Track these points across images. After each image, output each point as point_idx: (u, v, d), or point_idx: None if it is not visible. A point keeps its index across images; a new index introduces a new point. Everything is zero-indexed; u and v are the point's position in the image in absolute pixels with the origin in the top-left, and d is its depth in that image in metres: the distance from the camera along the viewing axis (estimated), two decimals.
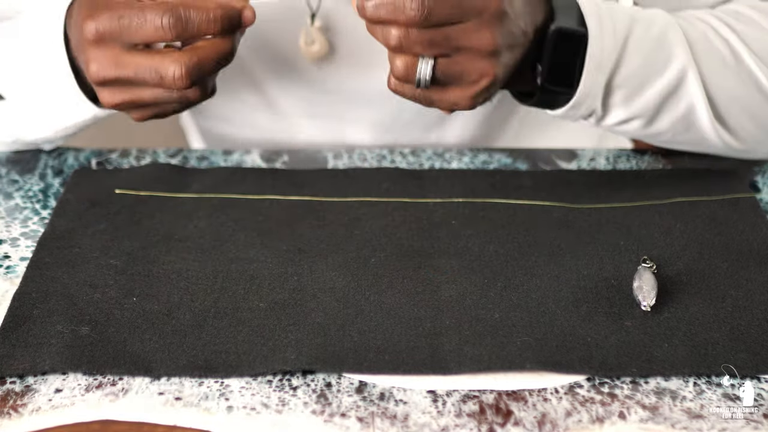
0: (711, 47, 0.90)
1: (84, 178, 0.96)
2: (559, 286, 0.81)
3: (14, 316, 0.79)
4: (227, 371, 0.74)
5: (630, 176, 0.96)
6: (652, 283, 0.80)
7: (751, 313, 0.78)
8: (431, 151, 1.02)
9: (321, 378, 0.74)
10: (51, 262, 0.85)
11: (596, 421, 0.70)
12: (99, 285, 0.82)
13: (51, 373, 0.74)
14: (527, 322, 0.77)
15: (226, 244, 0.87)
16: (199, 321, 0.78)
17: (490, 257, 0.85)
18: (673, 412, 0.71)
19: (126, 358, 0.75)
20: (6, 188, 0.96)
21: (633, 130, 0.91)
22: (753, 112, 0.92)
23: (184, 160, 1.00)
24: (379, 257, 0.85)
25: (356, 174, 0.97)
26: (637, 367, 0.73)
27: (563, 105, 0.87)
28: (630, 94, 0.88)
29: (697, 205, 0.91)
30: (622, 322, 0.77)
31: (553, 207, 0.91)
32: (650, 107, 0.89)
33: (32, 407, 0.72)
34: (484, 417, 0.71)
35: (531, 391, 0.73)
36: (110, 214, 0.91)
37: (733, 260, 0.84)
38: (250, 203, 0.92)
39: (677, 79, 0.88)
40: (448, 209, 0.91)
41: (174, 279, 0.83)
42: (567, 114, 0.88)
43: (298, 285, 0.82)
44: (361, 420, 0.71)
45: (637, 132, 0.92)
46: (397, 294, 0.81)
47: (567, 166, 0.99)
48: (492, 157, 1.01)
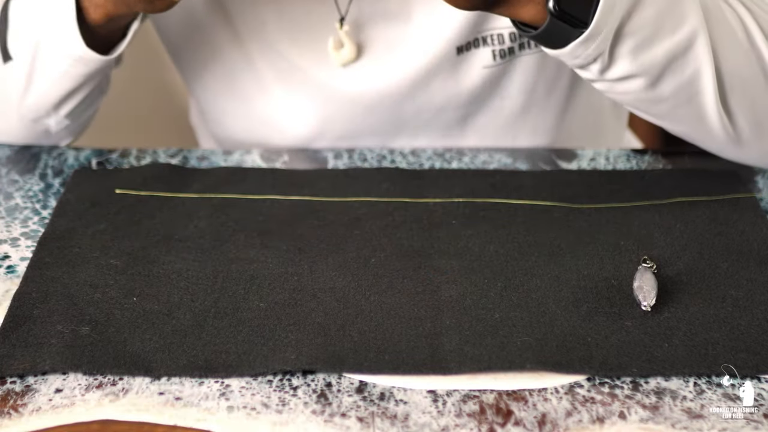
0: (724, 20, 0.88)
1: (84, 178, 0.96)
2: (559, 286, 0.81)
3: (14, 316, 0.79)
4: (227, 371, 0.74)
5: (630, 176, 0.96)
6: (652, 283, 0.80)
7: (751, 313, 0.78)
8: (431, 151, 1.02)
9: (321, 378, 0.74)
10: (51, 262, 0.85)
11: (596, 421, 0.70)
12: (99, 285, 0.82)
13: (51, 373, 0.74)
14: (527, 322, 0.77)
15: (226, 244, 0.87)
16: (200, 321, 0.78)
17: (490, 257, 0.85)
18: (674, 412, 0.71)
19: (126, 358, 0.75)
20: (6, 188, 0.96)
21: (635, 91, 0.88)
22: (754, 98, 0.90)
23: (184, 160, 1.00)
24: (379, 257, 0.85)
25: (356, 174, 0.97)
26: (638, 367, 0.73)
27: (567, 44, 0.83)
28: (639, 45, 0.84)
29: (697, 205, 0.91)
30: (623, 322, 0.77)
31: (553, 207, 0.91)
32: (656, 65, 0.86)
33: (32, 407, 0.72)
34: (485, 417, 0.71)
35: (531, 391, 0.73)
36: (110, 214, 0.91)
37: (733, 260, 0.84)
38: (250, 203, 0.92)
39: (687, 41, 0.85)
40: (448, 209, 0.91)
41: (174, 279, 0.83)
42: (574, 52, 0.83)
43: (298, 285, 0.82)
44: (361, 420, 0.71)
45: (638, 94, 0.88)
46: (397, 294, 0.81)
47: (567, 166, 0.99)
48: (492, 157, 1.01)
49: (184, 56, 1.07)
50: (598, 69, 0.85)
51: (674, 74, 0.87)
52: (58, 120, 0.98)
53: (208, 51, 1.04)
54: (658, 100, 0.89)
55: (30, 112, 0.98)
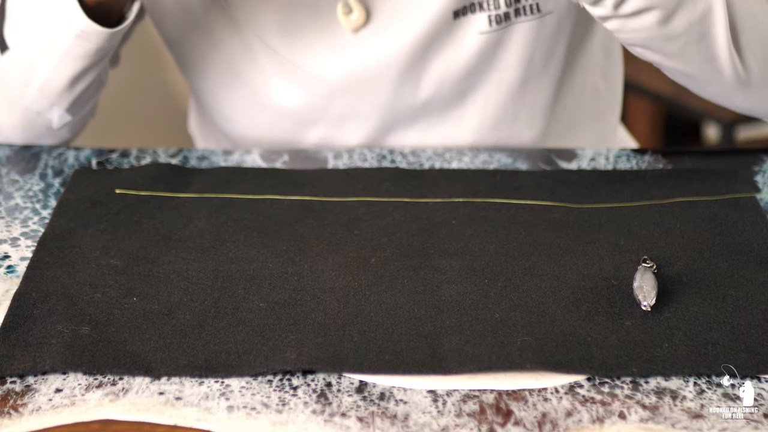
0: None
1: (84, 178, 0.96)
2: (559, 286, 0.81)
3: (14, 316, 0.79)
4: (227, 371, 0.74)
5: (630, 176, 0.96)
6: (652, 283, 0.80)
7: (751, 313, 0.78)
8: (431, 151, 1.02)
9: (321, 378, 0.74)
10: (51, 262, 0.85)
11: (596, 421, 0.70)
12: (99, 285, 0.82)
13: (51, 373, 0.74)
14: (527, 322, 0.77)
15: (226, 244, 0.87)
16: (200, 321, 0.78)
17: (490, 257, 0.85)
18: (674, 411, 0.71)
19: (126, 357, 0.75)
20: (6, 188, 0.96)
21: (647, 28, 0.88)
22: (765, 38, 0.90)
23: (184, 160, 1.00)
24: (379, 257, 0.85)
25: (356, 174, 0.97)
26: (638, 366, 0.73)
27: None
28: None
29: (697, 205, 0.91)
30: (623, 322, 0.77)
31: (553, 207, 0.91)
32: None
33: (32, 407, 0.72)
34: (485, 417, 0.71)
35: (531, 391, 0.73)
36: (110, 214, 0.91)
37: (733, 260, 0.84)
38: (250, 203, 0.92)
39: None
40: (448, 209, 0.91)
41: (174, 279, 0.83)
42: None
43: (298, 285, 0.82)
44: (361, 420, 0.71)
45: (650, 31, 0.88)
46: (397, 294, 0.81)
47: (567, 166, 0.99)
48: (492, 157, 1.01)
49: (183, 46, 1.07)
50: (612, 3, 0.86)
51: (686, 9, 0.87)
52: (60, 114, 0.99)
53: (207, 40, 1.04)
54: (670, 37, 0.89)
55: (33, 104, 0.98)
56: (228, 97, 1.07)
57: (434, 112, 1.05)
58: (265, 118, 1.07)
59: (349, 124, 1.05)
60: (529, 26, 1.01)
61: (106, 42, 0.94)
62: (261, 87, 1.05)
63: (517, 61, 1.03)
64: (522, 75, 1.04)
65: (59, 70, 0.95)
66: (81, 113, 1.01)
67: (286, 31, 1.02)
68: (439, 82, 1.03)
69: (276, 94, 1.05)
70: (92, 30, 0.92)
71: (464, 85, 1.04)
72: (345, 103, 1.04)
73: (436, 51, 1.01)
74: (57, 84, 0.96)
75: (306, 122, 1.06)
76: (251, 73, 1.05)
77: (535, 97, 1.06)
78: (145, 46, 1.40)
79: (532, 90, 1.05)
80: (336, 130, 1.06)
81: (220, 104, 1.09)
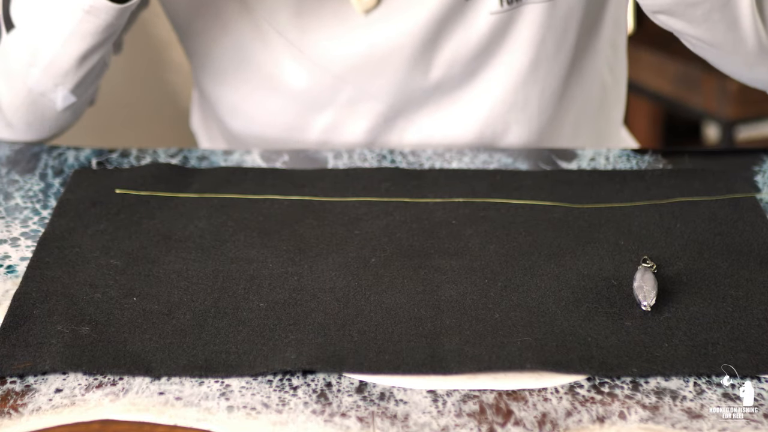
0: None
1: (84, 178, 0.96)
2: (559, 286, 0.81)
3: (14, 316, 0.79)
4: (227, 371, 0.74)
5: (630, 176, 0.96)
6: (652, 283, 0.80)
7: (751, 313, 0.78)
8: (431, 150, 1.02)
9: (321, 378, 0.74)
10: (51, 262, 0.85)
11: (596, 421, 0.70)
12: (99, 285, 0.82)
13: (51, 373, 0.74)
14: (527, 322, 0.77)
15: (226, 244, 0.87)
16: (199, 321, 0.78)
17: (490, 257, 0.85)
18: (674, 412, 0.71)
19: (126, 358, 0.75)
20: (6, 188, 0.96)
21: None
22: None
23: (184, 160, 1.00)
24: (379, 257, 0.85)
25: (356, 174, 0.97)
26: (638, 367, 0.73)
27: None
28: None
29: (697, 205, 0.91)
30: (622, 322, 0.77)
31: (553, 207, 0.91)
32: None
33: (32, 407, 0.72)
34: (485, 417, 0.71)
35: (531, 391, 0.73)
36: (110, 214, 0.91)
37: (733, 260, 0.84)
38: (250, 203, 0.92)
39: None
40: (448, 209, 0.91)
41: (174, 279, 0.83)
42: None
43: (298, 285, 0.82)
44: (361, 420, 0.71)
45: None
46: (397, 294, 0.81)
47: (567, 166, 0.99)
48: (492, 157, 1.01)
49: (193, 29, 1.06)
50: None
51: None
52: (65, 95, 0.98)
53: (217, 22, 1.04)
54: (694, 2, 0.89)
55: (38, 84, 0.97)
56: (236, 83, 1.07)
57: (444, 95, 1.05)
58: (274, 104, 1.07)
59: (360, 107, 1.05)
60: (541, 8, 1.01)
61: (115, 19, 0.93)
62: (271, 70, 1.05)
63: (528, 43, 1.03)
64: (533, 58, 1.04)
65: (66, 48, 0.95)
66: (84, 95, 1.01)
67: (297, 12, 1.02)
68: (450, 63, 1.03)
69: (286, 77, 1.05)
70: (102, 5, 0.92)
71: (475, 65, 1.04)
72: (356, 86, 1.04)
73: (447, 31, 1.01)
74: (64, 63, 0.96)
75: (315, 106, 1.06)
76: (262, 56, 1.05)
77: (545, 82, 1.06)
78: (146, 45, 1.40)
79: (543, 75, 1.05)
80: (345, 114, 1.06)
81: (227, 92, 1.09)
